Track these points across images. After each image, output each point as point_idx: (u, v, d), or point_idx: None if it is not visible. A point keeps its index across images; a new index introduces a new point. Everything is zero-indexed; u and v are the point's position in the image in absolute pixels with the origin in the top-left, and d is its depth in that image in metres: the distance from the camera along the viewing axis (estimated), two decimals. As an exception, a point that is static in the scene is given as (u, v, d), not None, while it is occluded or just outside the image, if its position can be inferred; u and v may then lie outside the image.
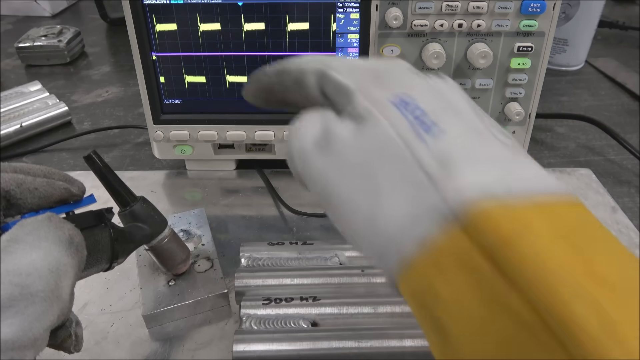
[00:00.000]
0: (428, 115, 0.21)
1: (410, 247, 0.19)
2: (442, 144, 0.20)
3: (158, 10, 0.47)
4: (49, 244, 0.23)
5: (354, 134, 0.22)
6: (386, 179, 0.20)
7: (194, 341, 0.38)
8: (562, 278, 0.16)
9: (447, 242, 0.18)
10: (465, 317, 0.18)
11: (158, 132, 0.53)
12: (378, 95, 0.22)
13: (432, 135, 0.20)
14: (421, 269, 0.19)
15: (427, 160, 0.20)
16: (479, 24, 0.46)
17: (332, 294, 0.38)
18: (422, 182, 0.19)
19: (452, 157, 0.19)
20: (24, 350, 0.21)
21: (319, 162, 0.23)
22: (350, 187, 0.22)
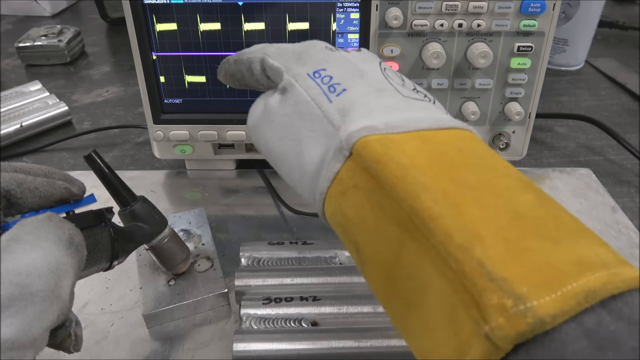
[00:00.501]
0: (335, 80, 0.26)
1: (324, 183, 0.24)
2: (344, 100, 0.25)
3: (158, 10, 0.47)
4: (49, 244, 0.23)
5: (280, 103, 0.28)
6: (306, 134, 0.26)
7: (194, 341, 0.38)
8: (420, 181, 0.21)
9: (345, 172, 0.23)
10: (364, 227, 0.23)
11: (158, 131, 0.53)
12: (299, 71, 0.28)
13: (337, 94, 0.26)
14: (333, 198, 0.24)
15: (331, 113, 0.25)
16: (479, 24, 0.46)
17: (332, 293, 0.38)
18: (329, 131, 0.25)
19: (350, 108, 0.25)
20: (24, 350, 0.20)
21: (262, 129, 0.29)
22: (282, 145, 0.28)
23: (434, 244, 0.19)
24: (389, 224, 0.21)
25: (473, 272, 0.18)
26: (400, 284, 0.21)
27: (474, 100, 0.50)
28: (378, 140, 0.23)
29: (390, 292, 0.22)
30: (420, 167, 0.21)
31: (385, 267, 0.22)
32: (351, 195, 0.23)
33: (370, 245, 0.22)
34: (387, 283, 0.22)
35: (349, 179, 0.23)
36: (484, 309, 0.17)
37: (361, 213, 0.23)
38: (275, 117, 0.28)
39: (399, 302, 0.21)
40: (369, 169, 0.22)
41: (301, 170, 0.26)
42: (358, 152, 0.23)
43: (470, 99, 0.50)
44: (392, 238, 0.21)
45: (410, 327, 0.21)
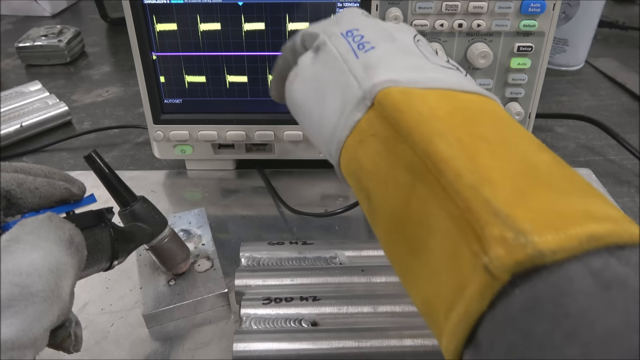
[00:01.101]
0: (366, 39, 0.27)
1: (344, 132, 0.25)
2: (370, 56, 0.26)
3: (158, 10, 0.47)
4: (49, 244, 0.23)
5: (311, 60, 0.29)
6: (330, 87, 0.27)
7: (194, 341, 0.38)
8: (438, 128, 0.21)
9: (365, 122, 0.24)
10: (376, 174, 0.23)
11: (158, 131, 0.53)
12: (333, 30, 0.29)
13: (365, 51, 0.26)
14: (350, 147, 0.25)
15: (356, 67, 0.26)
16: (479, 24, 0.46)
17: (332, 293, 0.38)
18: (351, 83, 0.25)
19: (375, 64, 0.25)
20: (24, 350, 0.21)
21: (293, 85, 0.31)
22: (308, 98, 0.29)
23: (443, 184, 0.20)
24: (400, 169, 0.22)
25: (479, 208, 0.18)
26: (408, 229, 0.22)
27: (474, 100, 0.50)
28: (400, 91, 0.24)
29: (397, 237, 0.23)
30: (439, 118, 0.22)
31: (394, 212, 0.22)
32: (368, 144, 0.24)
33: (381, 192, 0.23)
34: (395, 229, 0.23)
35: (368, 127, 0.24)
36: (485, 241, 0.17)
37: (376, 160, 0.24)
38: (305, 72, 0.29)
39: (405, 248, 0.22)
40: (389, 116, 0.23)
41: (322, 122, 0.27)
42: (379, 101, 0.24)
43: (470, 99, 0.50)
44: (403, 183, 0.22)
45: (414, 274, 0.22)
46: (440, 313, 0.20)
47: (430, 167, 0.20)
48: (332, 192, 0.53)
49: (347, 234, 0.48)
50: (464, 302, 0.18)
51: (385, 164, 0.23)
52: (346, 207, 0.49)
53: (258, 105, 0.52)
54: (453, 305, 0.19)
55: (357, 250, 0.42)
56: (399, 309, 0.37)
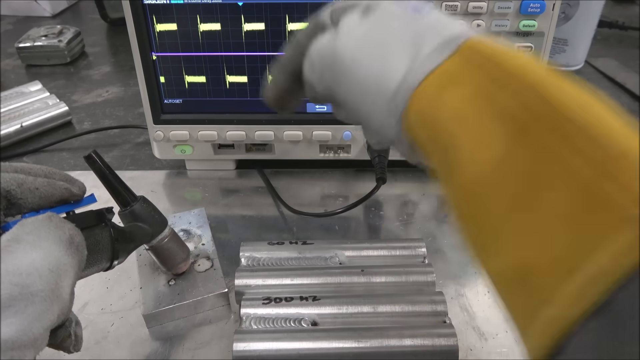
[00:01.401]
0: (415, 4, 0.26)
1: (417, 77, 0.23)
2: (430, 17, 0.25)
3: (158, 10, 0.47)
4: (50, 244, 0.23)
5: (360, 19, 0.27)
6: (392, 39, 0.25)
7: (194, 340, 0.38)
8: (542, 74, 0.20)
9: (450, 66, 0.23)
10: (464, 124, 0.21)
11: (158, 132, 0.53)
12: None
13: (423, 14, 0.26)
14: (428, 93, 0.23)
15: (425, 22, 0.25)
16: (479, 24, 0.46)
17: (332, 293, 0.39)
18: (424, 34, 0.24)
19: (442, 21, 0.25)
20: (24, 349, 0.21)
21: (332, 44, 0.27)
22: (360, 52, 0.26)
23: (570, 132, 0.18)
24: (504, 118, 0.20)
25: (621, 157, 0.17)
26: (508, 183, 0.20)
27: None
28: (490, 41, 0.23)
29: (489, 193, 0.20)
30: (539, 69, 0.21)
31: (489, 164, 0.20)
32: (453, 89, 0.22)
33: (470, 143, 0.21)
34: (487, 183, 0.20)
35: (456, 72, 0.23)
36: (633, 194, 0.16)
37: (463, 108, 0.22)
38: (354, 31, 0.27)
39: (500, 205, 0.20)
40: (487, 62, 0.22)
41: (383, 75, 0.25)
42: (470, 48, 0.23)
43: (470, 99, 0.50)
44: (503, 133, 0.20)
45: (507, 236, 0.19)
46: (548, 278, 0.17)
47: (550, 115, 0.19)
48: (332, 192, 0.53)
49: (347, 234, 0.48)
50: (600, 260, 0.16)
51: (478, 113, 0.21)
52: (346, 207, 0.49)
53: (258, 105, 0.52)
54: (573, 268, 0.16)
55: (357, 250, 0.42)
56: (399, 309, 0.37)
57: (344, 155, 0.54)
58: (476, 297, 0.41)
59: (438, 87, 0.23)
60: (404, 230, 0.48)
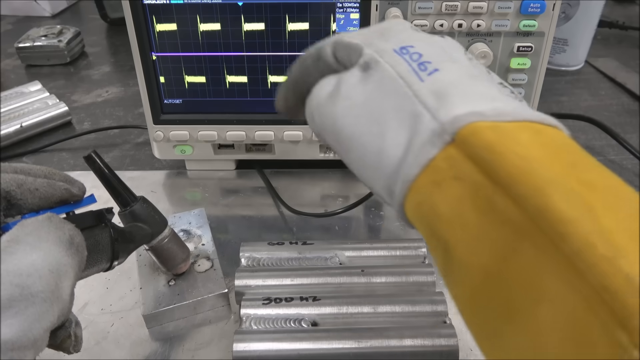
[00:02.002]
0: (425, 58, 0.23)
1: (412, 170, 0.21)
2: (438, 81, 0.22)
3: (158, 10, 0.47)
4: (50, 245, 0.23)
5: (360, 79, 0.24)
6: (390, 114, 0.23)
7: (194, 341, 0.38)
8: (547, 177, 0.18)
9: (443, 160, 0.21)
10: (461, 225, 0.20)
11: (158, 132, 0.53)
12: (383, 47, 0.25)
13: (429, 74, 0.23)
14: (423, 188, 0.21)
15: (424, 94, 0.22)
16: (479, 24, 0.46)
17: (332, 293, 0.39)
18: (420, 113, 0.22)
19: (446, 91, 0.22)
20: (24, 350, 0.21)
21: (330, 108, 0.25)
22: (359, 126, 0.24)
23: (566, 252, 0.16)
24: (498, 224, 0.19)
25: (620, 288, 0.15)
26: (502, 293, 0.19)
27: (473, 100, 0.50)
28: (490, 127, 0.20)
29: (485, 300, 0.19)
30: (542, 161, 0.18)
31: (484, 272, 0.19)
32: (449, 188, 0.20)
33: (467, 246, 0.20)
34: (483, 290, 0.19)
35: (448, 168, 0.20)
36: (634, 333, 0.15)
37: (460, 209, 0.20)
38: (352, 94, 0.25)
39: (497, 312, 0.19)
40: (480, 159, 0.19)
41: (380, 154, 0.23)
42: (465, 138, 0.20)
43: (470, 99, 0.50)
44: (500, 240, 0.18)
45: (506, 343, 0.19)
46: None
47: (546, 229, 0.17)
48: (332, 192, 0.53)
49: (347, 234, 0.48)
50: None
51: (475, 215, 0.19)
52: (346, 207, 0.49)
53: (258, 105, 0.52)
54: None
55: (357, 250, 0.42)
56: (399, 309, 0.37)
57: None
58: (476, 297, 0.41)
59: (431, 185, 0.21)
60: (404, 231, 0.48)
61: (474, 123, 0.20)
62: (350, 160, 0.26)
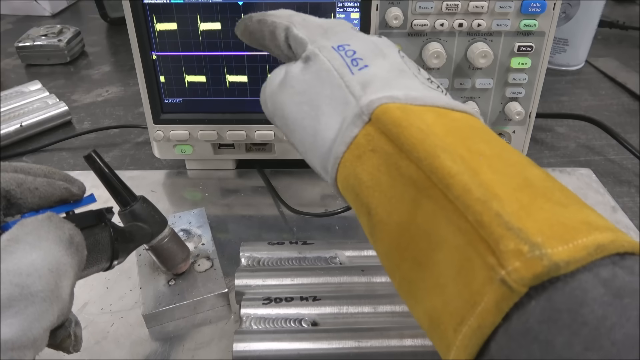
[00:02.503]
0: (359, 55, 0.27)
1: (340, 147, 0.25)
2: (365, 74, 0.26)
3: (158, 10, 0.47)
4: (49, 244, 0.23)
5: (302, 70, 0.29)
6: (324, 101, 0.27)
7: (194, 341, 0.38)
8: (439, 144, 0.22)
9: (363, 137, 0.25)
10: (378, 190, 0.24)
11: (158, 131, 0.53)
12: (323, 43, 0.29)
13: (360, 69, 0.27)
14: (348, 162, 0.25)
15: (353, 85, 0.26)
16: (479, 24, 0.46)
17: (332, 293, 0.38)
18: (349, 100, 0.26)
19: (371, 81, 0.26)
20: (24, 350, 0.20)
21: (279, 96, 0.30)
22: (300, 111, 0.28)
23: (451, 198, 0.20)
24: (404, 184, 0.22)
25: (491, 222, 0.19)
26: (413, 244, 0.22)
27: (474, 100, 0.50)
28: (398, 107, 0.24)
29: (400, 253, 0.23)
30: (438, 134, 0.22)
31: (397, 228, 0.22)
32: (367, 159, 0.24)
33: (384, 207, 0.23)
34: (398, 244, 0.23)
35: (367, 143, 0.24)
36: (501, 255, 0.18)
37: (376, 175, 0.24)
38: (295, 83, 0.29)
39: (410, 263, 0.22)
40: (389, 132, 0.23)
41: (316, 136, 0.27)
42: (378, 117, 0.24)
43: (470, 98, 0.50)
44: (407, 198, 0.22)
45: (417, 288, 0.22)
46: (449, 327, 0.20)
47: (437, 182, 0.21)
48: (332, 192, 0.53)
49: (347, 234, 0.48)
50: (477, 315, 0.18)
51: (387, 179, 0.23)
52: (346, 207, 0.49)
53: (258, 105, 0.51)
54: (464, 318, 0.19)
55: (357, 250, 0.42)
56: (399, 309, 0.37)
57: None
58: (476, 297, 0.41)
59: (354, 158, 0.25)
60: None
61: (385, 104, 0.24)
62: (294, 142, 0.30)
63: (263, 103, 0.33)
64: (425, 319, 0.22)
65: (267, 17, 0.32)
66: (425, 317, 0.22)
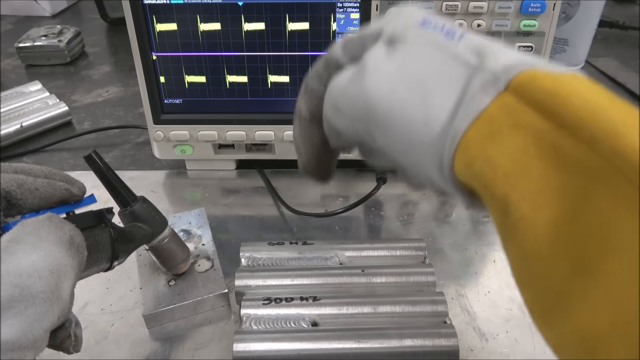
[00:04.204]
0: (449, 27, 0.23)
1: (463, 122, 0.20)
2: (469, 42, 0.22)
3: (158, 10, 0.47)
4: (50, 245, 0.23)
5: (387, 53, 0.24)
6: (430, 80, 0.22)
7: (194, 341, 0.38)
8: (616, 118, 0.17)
9: (499, 109, 0.19)
10: (524, 178, 0.18)
11: (158, 132, 0.53)
12: (404, 22, 0.24)
13: (459, 38, 0.22)
14: (475, 143, 0.20)
15: (464, 52, 0.21)
16: (479, 24, 0.46)
17: (332, 294, 0.39)
18: (463, 73, 0.21)
19: (484, 48, 0.21)
20: (24, 350, 0.21)
21: (360, 86, 0.24)
22: (397, 99, 0.23)
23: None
24: (567, 171, 0.18)
25: None
26: (574, 246, 0.17)
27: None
28: (544, 73, 0.19)
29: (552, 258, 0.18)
30: (605, 104, 0.18)
31: (550, 226, 0.18)
32: (508, 138, 0.19)
33: (531, 201, 0.18)
34: (549, 247, 0.18)
35: (505, 116, 0.19)
36: None
37: (521, 159, 0.19)
38: (382, 67, 0.24)
39: (565, 270, 0.18)
40: (543, 104, 0.18)
41: (427, 124, 0.22)
42: (524, 85, 0.19)
43: (470, 99, 0.50)
44: (571, 189, 0.17)
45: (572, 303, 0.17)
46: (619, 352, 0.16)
47: (624, 169, 0.16)
48: (332, 192, 0.53)
49: (347, 234, 0.48)
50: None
51: (540, 164, 0.18)
52: (346, 207, 0.49)
53: (258, 105, 0.52)
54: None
55: (357, 250, 0.42)
56: (399, 309, 0.37)
57: (344, 155, 0.54)
58: (477, 297, 0.41)
59: (488, 135, 0.20)
60: (404, 230, 0.48)
61: (530, 70, 0.19)
62: (390, 142, 0.24)
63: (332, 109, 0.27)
64: (576, 340, 0.17)
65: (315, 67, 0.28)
66: (576, 337, 0.17)
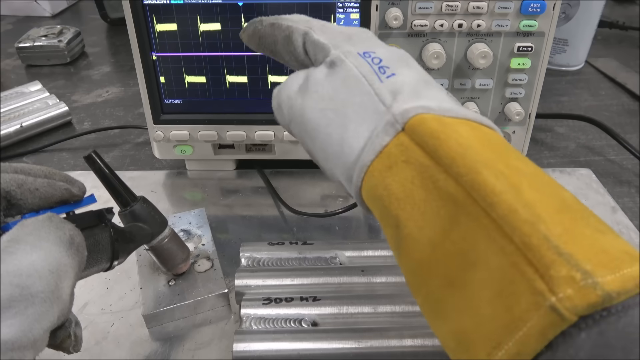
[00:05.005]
0: (385, 63, 0.27)
1: (369, 156, 0.24)
2: (394, 82, 0.26)
3: (158, 10, 0.47)
4: (50, 245, 0.23)
5: (326, 76, 0.28)
6: (352, 108, 0.26)
7: (194, 341, 0.38)
8: (480, 159, 0.21)
9: (395, 147, 0.24)
10: (410, 203, 0.23)
11: (158, 132, 0.53)
12: (349, 49, 0.28)
13: (387, 77, 0.26)
14: (377, 172, 0.24)
15: (383, 92, 0.25)
16: (479, 24, 0.46)
17: (332, 294, 0.39)
18: (379, 108, 0.25)
19: (400, 90, 0.25)
20: (24, 350, 0.21)
21: (299, 101, 0.28)
22: (323, 117, 0.27)
23: (494, 218, 0.19)
24: (440, 199, 0.21)
25: (540, 245, 0.18)
26: (445, 261, 0.21)
27: (474, 100, 0.50)
28: (434, 118, 0.23)
29: (429, 269, 0.22)
30: (477, 149, 0.22)
31: (429, 243, 0.22)
32: (400, 170, 0.23)
33: (415, 221, 0.22)
34: (428, 261, 0.22)
35: (399, 153, 0.23)
36: (551, 281, 0.17)
37: (409, 188, 0.23)
38: (319, 88, 0.27)
39: (439, 281, 0.21)
40: (425, 144, 0.23)
41: (342, 144, 0.26)
42: (414, 127, 0.23)
43: (470, 99, 0.50)
44: (443, 214, 0.21)
45: (447, 308, 0.21)
46: (481, 350, 0.19)
47: (479, 200, 0.20)
48: (332, 192, 0.53)
49: (347, 234, 0.48)
50: (517, 340, 0.18)
51: (421, 193, 0.22)
52: (346, 207, 0.49)
53: (258, 105, 0.52)
54: (500, 343, 0.18)
55: (357, 250, 0.42)
56: (399, 309, 0.37)
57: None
58: (476, 297, 0.41)
59: (384, 169, 0.24)
60: (404, 231, 0.48)
61: (421, 114, 0.23)
62: (313, 150, 0.29)
63: (276, 108, 0.31)
64: (452, 339, 0.21)
65: (281, 22, 0.31)
66: (451, 337, 0.21)
